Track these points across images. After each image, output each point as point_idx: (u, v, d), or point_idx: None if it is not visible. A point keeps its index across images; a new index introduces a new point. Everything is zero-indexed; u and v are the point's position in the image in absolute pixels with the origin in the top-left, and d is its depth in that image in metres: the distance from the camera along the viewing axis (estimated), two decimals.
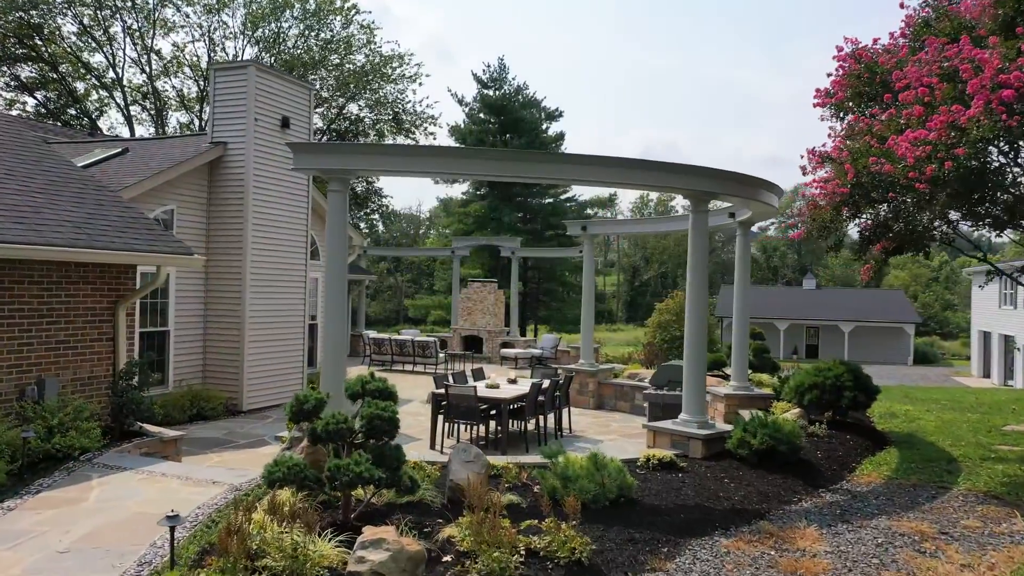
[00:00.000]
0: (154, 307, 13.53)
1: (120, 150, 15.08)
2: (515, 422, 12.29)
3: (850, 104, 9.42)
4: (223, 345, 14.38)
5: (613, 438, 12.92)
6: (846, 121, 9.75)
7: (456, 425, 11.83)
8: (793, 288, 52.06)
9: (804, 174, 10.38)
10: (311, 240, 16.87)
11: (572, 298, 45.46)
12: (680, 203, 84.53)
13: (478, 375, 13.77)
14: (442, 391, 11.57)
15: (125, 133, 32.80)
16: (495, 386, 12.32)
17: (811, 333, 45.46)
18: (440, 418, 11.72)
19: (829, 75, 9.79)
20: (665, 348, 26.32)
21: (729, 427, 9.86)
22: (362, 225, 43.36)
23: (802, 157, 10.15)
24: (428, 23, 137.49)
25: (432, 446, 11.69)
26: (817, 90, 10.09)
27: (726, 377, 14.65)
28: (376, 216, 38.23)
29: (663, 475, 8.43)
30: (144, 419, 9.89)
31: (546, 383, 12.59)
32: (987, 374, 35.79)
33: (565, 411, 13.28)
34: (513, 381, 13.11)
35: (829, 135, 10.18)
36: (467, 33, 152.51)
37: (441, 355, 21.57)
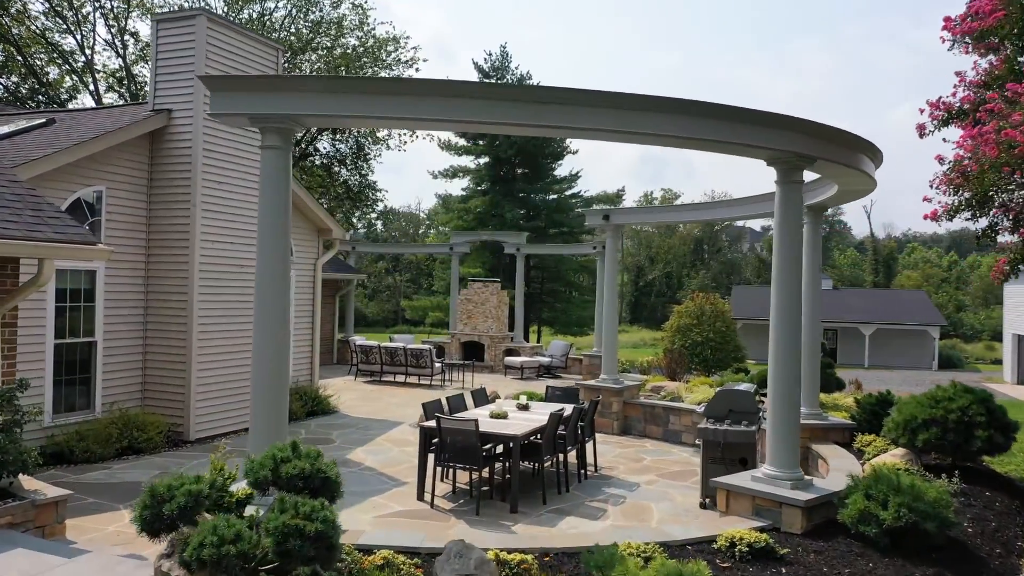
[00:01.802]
0: (75, 312, 10.62)
1: (43, 121, 12.16)
2: (526, 456, 9.37)
3: (1014, 32, 6.47)
4: (166, 359, 11.48)
5: (651, 479, 10.01)
6: (1003, 55, 6.83)
7: (452, 468, 8.90)
8: None
9: (921, 135, 7.46)
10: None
11: (578, 299, 42.46)
12: (685, 200, 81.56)
13: (479, 398, 10.86)
14: (433, 424, 8.66)
15: None
16: (502, 415, 9.42)
17: (829, 336, 42.45)
18: (432, 457, 8.83)
19: None
20: (686, 354, 23.45)
21: (835, 487, 6.94)
22: (360, 224, 40.44)
23: (921, 112, 7.24)
24: (430, 22, 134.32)
25: (420, 496, 8.79)
26: (947, 19, 7.18)
27: None
28: (372, 212, 35.31)
29: (758, 570, 5.52)
30: (17, 470, 6.98)
31: (568, 410, 9.69)
32: (1023, 380, 32.89)
33: (589, 444, 10.38)
34: (524, 407, 10.20)
35: (960, 81, 7.29)
36: (468, 34, 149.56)
37: (437, 364, 18.66)
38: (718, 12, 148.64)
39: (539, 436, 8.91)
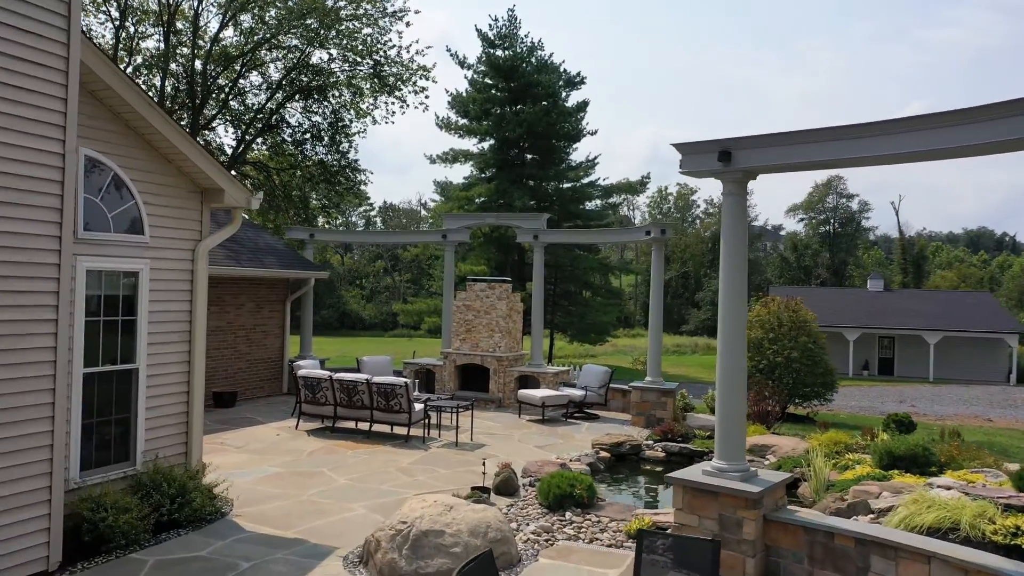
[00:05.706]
0: None
1: None
2: None
3: None
4: None
5: None
6: None
7: None
8: (859, 290, 42.21)
9: None
10: (108, 178, 7.20)
11: (594, 301, 35.58)
12: (702, 196, 74.74)
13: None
14: None
15: None
16: None
17: (885, 344, 35.59)
18: None
19: None
20: (759, 378, 16.69)
21: None
22: (360, 223, 33.77)
23: None
24: (433, 18, 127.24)
25: None
26: None
27: None
28: (354, 197, 28.54)
29: None
30: None
31: None
32: None
33: None
34: None
35: None
36: (469, 27, 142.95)
37: (418, 406, 11.89)
38: (726, 11, 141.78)
39: None
